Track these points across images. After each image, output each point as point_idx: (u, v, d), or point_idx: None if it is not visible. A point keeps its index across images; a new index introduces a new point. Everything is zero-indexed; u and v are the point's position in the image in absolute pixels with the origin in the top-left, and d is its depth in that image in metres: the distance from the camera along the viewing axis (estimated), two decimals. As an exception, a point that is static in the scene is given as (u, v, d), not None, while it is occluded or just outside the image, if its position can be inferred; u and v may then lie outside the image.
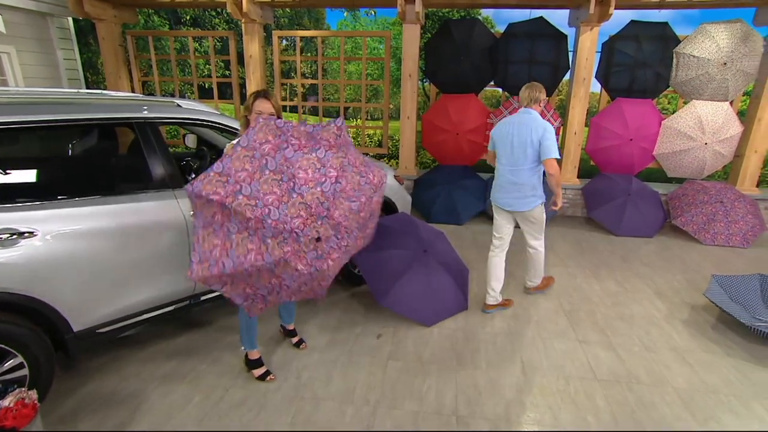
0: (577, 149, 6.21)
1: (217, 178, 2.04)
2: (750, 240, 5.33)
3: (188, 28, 16.18)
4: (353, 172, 2.43)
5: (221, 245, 2.12)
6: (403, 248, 3.54)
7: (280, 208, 2.13)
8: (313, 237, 2.24)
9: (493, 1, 5.76)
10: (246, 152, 2.10)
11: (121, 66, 6.53)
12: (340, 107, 6.67)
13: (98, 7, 6.06)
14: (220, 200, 2.03)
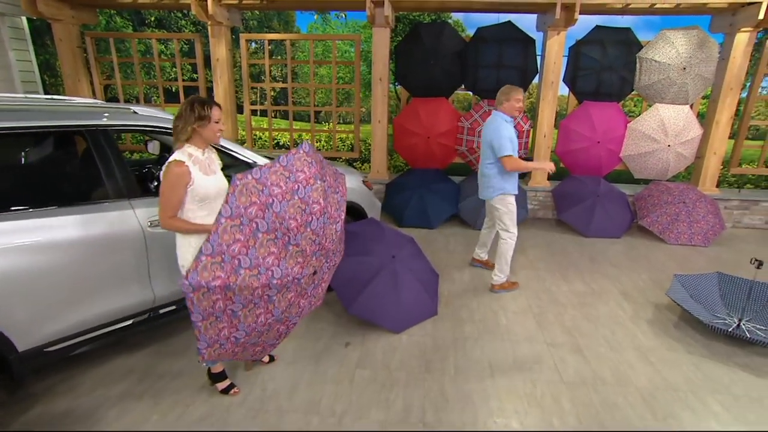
0: (547, 152, 6.34)
1: (211, 261, 1.94)
2: (710, 239, 5.53)
3: (153, 29, 15.82)
4: (331, 192, 2.44)
5: (228, 325, 2.13)
6: (370, 255, 3.53)
7: (281, 265, 2.14)
8: (311, 273, 2.31)
9: (462, 5, 5.83)
10: (232, 222, 1.99)
11: (80, 69, 6.32)
12: (311, 111, 6.62)
13: (54, 6, 5.86)
14: (222, 284, 1.97)
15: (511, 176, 3.90)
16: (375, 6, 5.75)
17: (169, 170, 2.12)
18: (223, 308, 2.07)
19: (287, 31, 26.44)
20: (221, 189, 2.36)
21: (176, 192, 2.13)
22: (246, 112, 6.53)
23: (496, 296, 4.01)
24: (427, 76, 6.01)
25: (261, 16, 20.78)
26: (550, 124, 6.21)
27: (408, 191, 6.09)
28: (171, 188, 2.11)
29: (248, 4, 5.92)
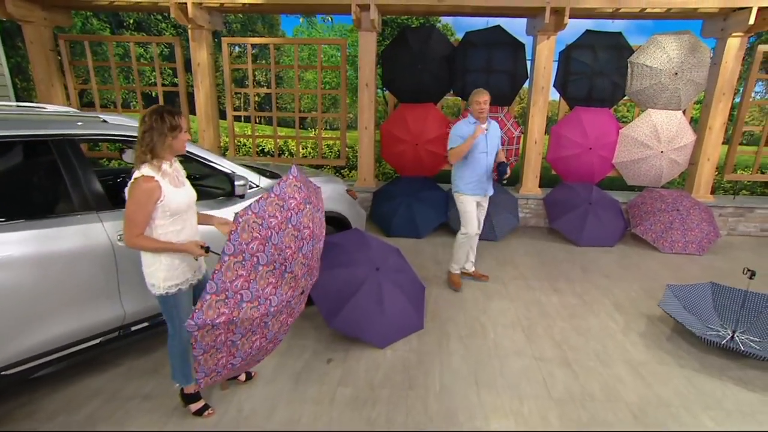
0: (538, 158, 6.39)
1: (216, 299, 2.00)
2: (705, 247, 5.59)
3: (132, 32, 15.71)
4: (315, 211, 2.50)
5: (227, 355, 2.24)
6: (353, 266, 3.52)
7: (278, 293, 2.24)
8: (299, 293, 2.43)
9: (450, 9, 5.87)
10: (235, 259, 2.03)
11: (53, 73, 6.27)
12: (296, 117, 6.62)
13: (24, 7, 5.80)
14: (226, 320, 2.05)
15: (463, 175, 4.15)
16: (361, 10, 5.78)
17: (138, 186, 2.09)
18: (224, 340, 2.16)
19: (272, 34, 26.40)
20: (192, 201, 2.35)
21: (145, 209, 2.10)
22: (229, 118, 6.52)
23: (485, 309, 4.01)
24: (414, 81, 6.05)
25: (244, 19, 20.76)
26: (541, 130, 6.26)
27: (396, 199, 6.10)
28: (139, 205, 2.09)
29: (230, 7, 5.92)
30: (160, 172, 2.17)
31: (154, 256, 2.21)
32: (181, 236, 2.26)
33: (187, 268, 2.34)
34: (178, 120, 2.21)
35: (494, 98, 6.00)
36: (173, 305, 2.33)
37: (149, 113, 2.17)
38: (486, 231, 5.81)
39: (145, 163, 2.14)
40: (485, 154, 4.11)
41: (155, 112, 2.16)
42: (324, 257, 3.59)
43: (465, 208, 4.23)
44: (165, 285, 2.27)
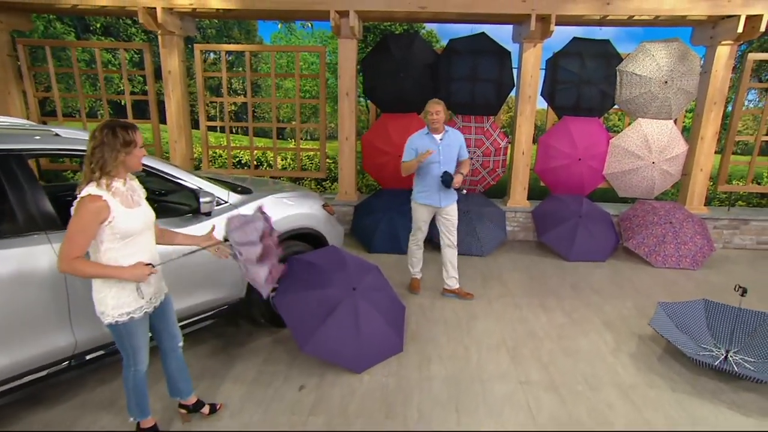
0: (526, 170, 6.43)
1: None
2: (699, 262, 5.63)
3: (99, 37, 15.51)
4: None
5: None
6: (328, 287, 3.47)
7: None
8: None
9: (433, 15, 5.93)
10: None
11: (10, 80, 6.16)
12: (273, 128, 6.59)
13: (-24, 10, 5.73)
14: None
15: (417, 183, 4.38)
16: (340, 16, 5.81)
17: (83, 206, 2.02)
18: None
19: (249, 41, 26.38)
20: (148, 222, 2.28)
21: (87, 231, 2.03)
22: (202, 129, 6.47)
23: (468, 329, 3.97)
24: (396, 90, 6.07)
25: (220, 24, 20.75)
26: (529, 140, 6.31)
27: (377, 214, 6.07)
28: (82, 226, 2.02)
29: (203, 12, 5.91)
30: (111, 190, 2.10)
31: (106, 282, 2.14)
32: (133, 261, 2.19)
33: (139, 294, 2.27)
34: (132, 135, 2.16)
35: (480, 108, 6.16)
36: (125, 335, 2.25)
37: (100, 128, 2.11)
38: (472, 246, 5.81)
39: (93, 181, 2.08)
40: (438, 165, 4.20)
41: (106, 127, 2.11)
42: (297, 277, 3.55)
43: (416, 215, 4.50)
44: (115, 313, 2.19)
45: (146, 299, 2.29)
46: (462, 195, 4.45)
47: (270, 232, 2.84)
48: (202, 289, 3.21)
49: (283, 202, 3.81)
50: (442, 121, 4.22)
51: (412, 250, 4.72)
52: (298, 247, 3.88)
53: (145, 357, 2.37)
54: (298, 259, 3.65)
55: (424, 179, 4.30)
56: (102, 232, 2.08)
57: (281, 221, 3.67)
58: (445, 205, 4.35)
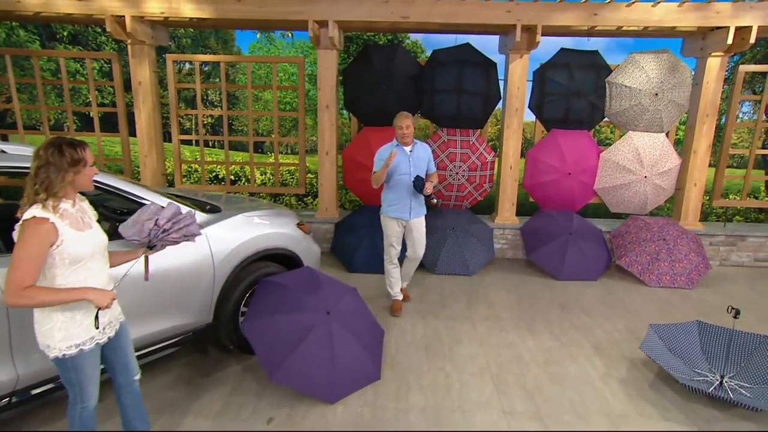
0: (514, 185, 6.45)
1: None
2: (695, 280, 5.64)
3: (66, 46, 15.34)
4: None
5: None
6: (300, 311, 3.41)
7: None
8: None
9: (416, 25, 5.98)
10: None
11: (-30, 92, 6.11)
12: (250, 142, 6.57)
13: (-70, 16, 5.68)
14: None
15: (386, 197, 4.49)
16: (319, 26, 5.84)
17: (28, 230, 1.94)
18: None
19: (226, 51, 26.45)
20: (99, 246, 2.21)
21: (37, 256, 1.95)
22: (174, 142, 6.43)
23: (451, 355, 3.92)
24: (378, 103, 6.08)
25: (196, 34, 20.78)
26: (516, 154, 6.34)
27: (359, 231, 6.03)
28: (29, 252, 1.92)
29: (175, 21, 5.91)
30: (58, 212, 2.04)
31: (44, 311, 2.06)
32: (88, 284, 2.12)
33: (91, 324, 2.18)
34: (81, 153, 2.09)
35: (465, 121, 6.19)
36: (72, 369, 2.16)
37: (44, 146, 2.05)
38: (458, 265, 5.79)
39: (37, 203, 2.02)
40: (407, 176, 4.36)
41: (52, 145, 2.05)
42: (268, 301, 3.49)
43: (387, 230, 4.54)
44: (63, 346, 2.10)
45: (100, 329, 2.21)
46: (434, 203, 4.60)
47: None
48: (164, 315, 3.13)
49: (254, 222, 3.77)
50: (412, 135, 4.41)
51: (389, 270, 4.70)
52: (271, 269, 3.83)
53: (94, 393, 2.28)
54: (269, 281, 3.60)
55: (394, 191, 4.42)
56: (49, 257, 2.01)
57: (251, 241, 3.64)
58: (415, 217, 4.50)
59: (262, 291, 3.54)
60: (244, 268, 3.62)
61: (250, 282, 3.64)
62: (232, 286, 3.53)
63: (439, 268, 5.80)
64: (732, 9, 5.66)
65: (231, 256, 3.47)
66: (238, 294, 3.56)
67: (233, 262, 3.50)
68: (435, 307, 4.92)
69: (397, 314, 4.65)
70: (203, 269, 3.28)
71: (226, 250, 3.42)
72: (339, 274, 5.79)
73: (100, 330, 2.21)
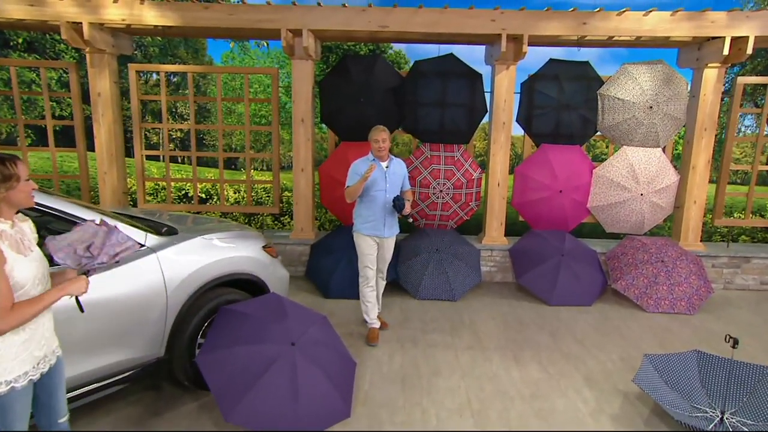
0: (502, 203, 6.44)
1: None
2: (696, 305, 5.62)
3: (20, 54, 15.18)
4: None
5: None
6: (261, 342, 3.33)
7: None
8: None
9: (396, 35, 6.02)
10: None
11: None
12: (220, 157, 6.53)
13: None
14: None
15: (360, 213, 4.57)
16: (293, 35, 5.86)
17: None
18: None
19: (197, 61, 26.47)
20: (41, 272, 2.15)
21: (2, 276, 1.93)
22: (137, 158, 6.37)
23: (429, 388, 3.84)
24: (356, 116, 6.09)
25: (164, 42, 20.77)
26: (504, 170, 6.36)
27: (336, 253, 5.98)
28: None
29: (139, 29, 5.91)
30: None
31: None
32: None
33: (27, 357, 2.10)
34: (12, 168, 2.04)
35: (449, 135, 6.21)
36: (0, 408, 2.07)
37: None
38: (442, 289, 5.74)
39: None
40: (383, 192, 4.45)
41: None
42: (227, 331, 3.41)
43: (361, 249, 4.61)
44: None
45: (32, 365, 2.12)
46: (410, 220, 4.81)
47: None
48: (106, 349, 3.03)
49: (213, 244, 3.70)
50: (388, 149, 4.48)
51: (364, 293, 4.70)
52: (233, 296, 3.77)
53: None
54: (228, 309, 3.53)
55: (368, 208, 4.50)
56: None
57: (210, 266, 3.57)
58: (389, 235, 4.62)
59: (220, 320, 3.46)
60: (202, 295, 3.55)
61: (208, 310, 3.57)
62: (187, 316, 3.44)
63: (421, 292, 5.75)
64: (727, 18, 5.75)
65: (187, 283, 3.39)
66: (194, 324, 3.48)
67: (189, 288, 3.42)
68: (415, 334, 4.86)
69: (373, 343, 4.59)
70: (154, 297, 3.20)
71: (181, 275, 3.35)
72: (314, 300, 5.72)
73: (32, 366, 2.12)
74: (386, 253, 4.74)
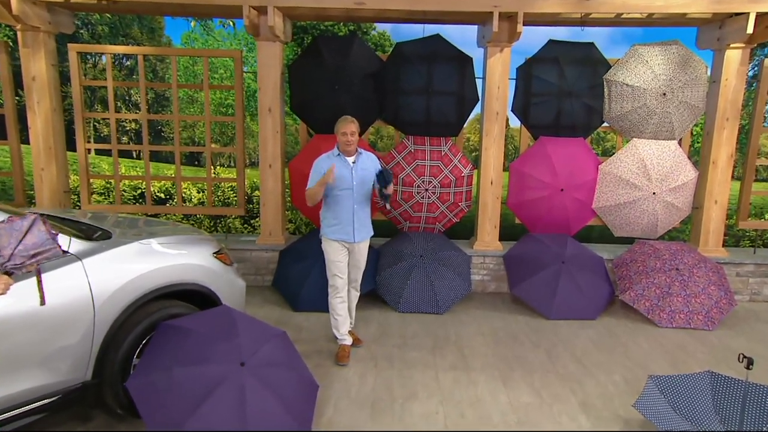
0: (496, 203, 6.43)
1: None
2: (716, 320, 5.59)
3: None
4: None
5: None
6: (206, 362, 3.29)
7: None
8: None
9: (375, 13, 5.99)
10: None
11: None
12: (176, 152, 6.49)
13: None
14: None
15: (325, 216, 4.59)
16: (258, 13, 5.81)
17: None
18: None
19: (154, 41, 26.11)
20: None
21: None
22: (80, 152, 6.32)
23: (402, 414, 3.80)
24: (331, 106, 6.05)
25: (115, 20, 20.63)
26: (498, 167, 6.35)
27: (307, 260, 5.94)
28: None
29: (80, 4, 5.84)
30: None
31: None
32: None
33: None
34: None
35: (436, 127, 6.20)
36: None
37: None
38: (426, 301, 5.73)
39: None
40: (350, 191, 4.44)
41: None
42: (165, 351, 3.36)
43: (329, 256, 4.63)
44: None
45: None
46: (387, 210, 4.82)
47: None
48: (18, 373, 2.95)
49: (154, 250, 3.65)
50: (357, 143, 4.52)
51: (334, 305, 4.69)
52: (177, 309, 3.72)
53: None
54: (169, 325, 3.47)
55: (333, 210, 4.51)
56: None
57: (149, 275, 3.52)
58: (359, 240, 4.61)
59: (159, 338, 3.41)
60: (139, 308, 3.49)
61: (147, 326, 3.51)
62: (120, 333, 3.38)
63: (403, 304, 5.72)
64: (751, -9, 5.73)
65: (119, 295, 3.33)
66: (129, 342, 3.42)
67: (123, 302, 3.36)
68: (392, 352, 4.83)
69: (342, 363, 4.56)
70: (78, 312, 3.13)
71: (112, 286, 3.29)
72: (282, 313, 5.70)
73: None
74: (358, 260, 4.73)
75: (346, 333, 4.73)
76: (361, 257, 4.73)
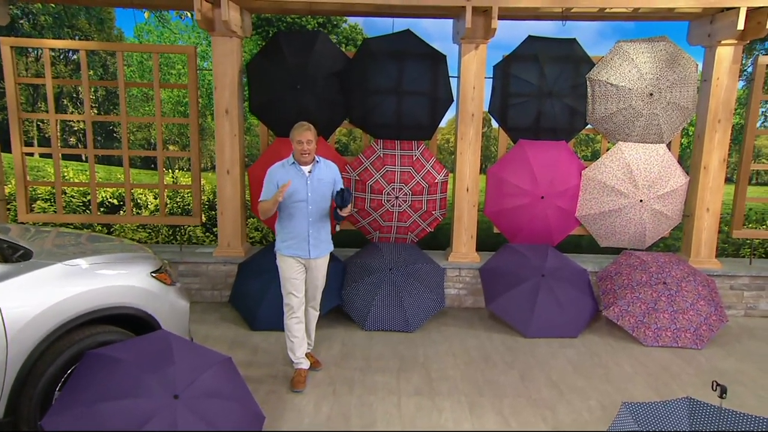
0: (473, 212, 6.40)
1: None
2: (705, 338, 5.57)
3: None
4: None
5: None
6: (134, 396, 3.20)
7: None
8: None
9: (339, 7, 5.95)
10: None
11: None
12: (124, 156, 6.40)
13: None
14: None
15: (280, 230, 4.56)
16: (212, 5, 5.73)
17: None
18: None
19: (103, 34, 25.78)
20: None
21: None
22: (16, 157, 6.22)
23: (356, 449, 3.74)
24: (292, 107, 6.03)
25: (59, 11, 20.33)
26: (475, 172, 6.34)
27: (266, 276, 5.85)
28: None
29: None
30: None
31: None
32: None
33: None
34: None
35: (407, 130, 6.17)
36: None
37: None
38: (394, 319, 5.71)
39: None
40: (305, 204, 4.39)
41: None
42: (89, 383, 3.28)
43: (283, 273, 4.56)
44: None
45: None
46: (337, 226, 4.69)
47: None
48: None
49: (81, 272, 3.57)
50: (314, 152, 4.43)
51: (290, 326, 4.63)
52: (109, 336, 3.63)
53: None
54: (95, 354, 3.39)
55: (287, 224, 4.47)
56: None
57: (74, 299, 3.44)
58: (316, 256, 4.55)
59: (83, 369, 3.33)
60: (63, 336, 3.41)
61: (71, 356, 3.42)
62: (39, 364, 3.30)
63: (369, 322, 5.67)
64: (742, -16, 5.73)
65: (37, 322, 3.24)
66: (50, 374, 3.33)
67: (42, 329, 3.27)
68: (353, 376, 4.77)
69: (297, 389, 4.48)
70: (-13, 341, 3.05)
71: (28, 313, 3.20)
72: (237, 332, 5.64)
73: None
74: (316, 277, 4.68)
75: (302, 356, 4.65)
76: (318, 274, 4.67)
